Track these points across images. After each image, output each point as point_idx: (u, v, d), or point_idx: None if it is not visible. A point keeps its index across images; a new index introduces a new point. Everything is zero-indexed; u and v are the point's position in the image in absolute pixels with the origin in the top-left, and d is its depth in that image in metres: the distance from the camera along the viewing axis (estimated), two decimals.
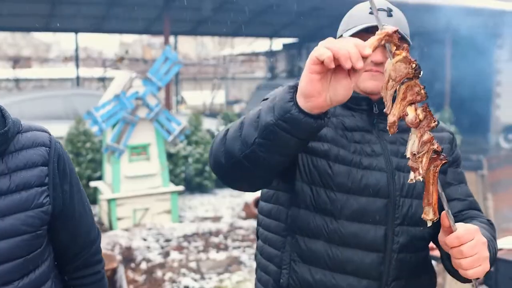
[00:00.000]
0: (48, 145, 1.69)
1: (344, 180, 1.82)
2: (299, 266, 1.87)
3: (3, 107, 1.65)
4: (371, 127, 1.90)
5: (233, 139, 1.56)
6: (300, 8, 15.91)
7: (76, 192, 1.78)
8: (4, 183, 1.58)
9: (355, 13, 1.91)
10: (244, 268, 6.47)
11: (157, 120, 7.95)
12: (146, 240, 7.52)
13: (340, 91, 1.40)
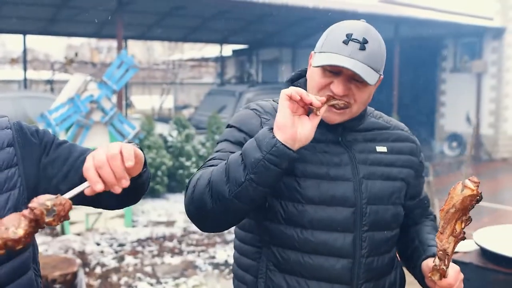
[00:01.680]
0: (9, 126, 1.73)
1: (312, 193, 1.91)
2: (275, 274, 1.95)
3: None
4: (338, 138, 1.99)
5: (220, 183, 1.73)
6: (250, 15, 16.05)
7: (53, 143, 1.79)
8: None
9: (331, 36, 1.92)
10: (200, 273, 6.51)
11: (112, 123, 7.91)
12: (99, 244, 7.47)
13: (305, 127, 1.74)
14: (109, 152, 1.46)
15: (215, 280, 6.29)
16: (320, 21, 15.89)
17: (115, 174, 1.46)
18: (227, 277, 6.38)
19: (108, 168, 1.45)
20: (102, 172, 1.45)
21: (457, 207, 1.72)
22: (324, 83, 1.89)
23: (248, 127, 1.96)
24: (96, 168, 1.45)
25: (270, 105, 2.07)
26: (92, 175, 1.45)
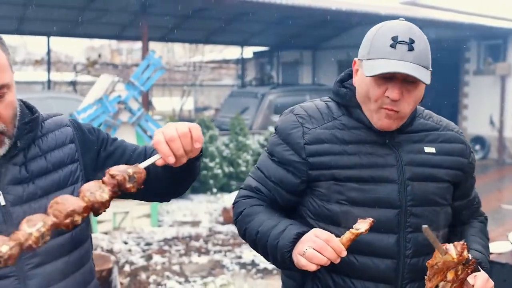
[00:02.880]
0: (68, 124, 1.84)
1: (356, 196, 1.96)
2: (322, 273, 2.01)
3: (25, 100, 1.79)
4: (386, 140, 2.02)
5: (248, 241, 2.08)
6: (271, 17, 16.07)
7: (108, 139, 1.90)
8: (42, 164, 1.71)
9: (377, 41, 1.93)
10: (227, 272, 6.56)
11: (139, 124, 7.99)
12: (127, 243, 7.55)
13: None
14: (180, 129, 1.58)
15: (242, 280, 6.34)
16: (342, 23, 15.95)
17: (184, 149, 1.57)
18: (254, 276, 6.42)
19: (179, 143, 1.57)
20: (173, 146, 1.57)
21: (439, 266, 1.78)
22: (380, 92, 1.91)
23: (289, 140, 2.03)
24: (167, 141, 1.56)
25: (315, 107, 2.10)
26: (164, 148, 1.57)
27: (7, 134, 1.62)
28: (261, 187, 2.09)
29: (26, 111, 1.76)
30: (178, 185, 1.89)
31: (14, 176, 1.66)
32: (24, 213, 1.60)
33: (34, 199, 1.66)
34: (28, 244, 1.42)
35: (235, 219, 2.15)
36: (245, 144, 11.13)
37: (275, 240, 1.91)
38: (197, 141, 1.60)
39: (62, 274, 1.70)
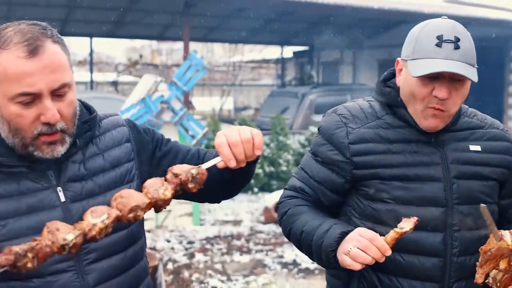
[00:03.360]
0: (124, 124, 1.87)
1: (401, 194, 1.96)
2: (368, 272, 2.01)
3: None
4: (431, 139, 2.01)
5: (293, 240, 2.10)
6: (311, 16, 16.03)
7: (163, 140, 1.94)
8: (100, 162, 1.75)
9: (421, 41, 1.92)
10: (269, 271, 6.57)
11: (181, 124, 8.07)
12: (169, 241, 7.63)
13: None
14: (243, 134, 1.62)
15: (284, 279, 6.34)
16: (384, 22, 15.81)
17: (245, 154, 1.62)
18: (295, 276, 6.42)
19: (242, 148, 1.62)
20: (235, 150, 1.62)
21: (493, 252, 1.77)
22: (426, 92, 1.91)
23: (333, 140, 2.04)
24: (230, 145, 1.61)
25: (358, 107, 2.10)
26: (227, 152, 1.62)
27: (67, 133, 1.65)
28: (305, 187, 2.11)
29: (85, 110, 1.79)
30: (232, 188, 1.92)
31: (73, 173, 1.69)
32: (82, 210, 1.62)
33: (92, 196, 1.69)
34: (91, 235, 1.47)
35: (279, 219, 2.17)
36: (286, 143, 11.13)
37: (320, 240, 1.92)
38: (258, 148, 1.65)
39: (118, 270, 1.73)
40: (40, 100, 1.56)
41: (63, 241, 1.43)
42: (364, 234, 1.80)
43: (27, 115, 1.57)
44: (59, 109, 1.59)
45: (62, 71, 1.59)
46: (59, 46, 1.62)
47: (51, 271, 1.61)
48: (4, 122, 1.61)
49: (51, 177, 1.67)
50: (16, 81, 1.54)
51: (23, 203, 1.61)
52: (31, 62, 1.54)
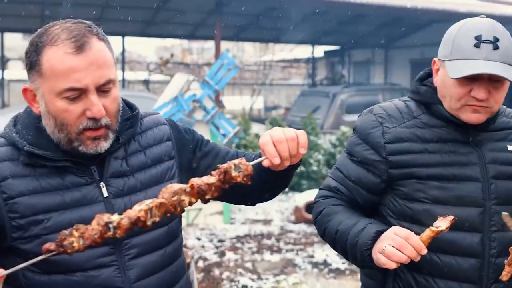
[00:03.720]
0: (165, 123, 1.90)
1: (437, 194, 1.95)
2: (404, 272, 2.00)
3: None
4: (469, 138, 1.99)
5: (328, 240, 2.11)
6: (343, 16, 15.96)
7: (203, 140, 1.97)
8: (142, 159, 1.78)
9: (459, 41, 1.90)
10: (299, 271, 6.56)
11: (213, 122, 8.10)
12: (200, 239, 7.66)
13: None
14: (287, 133, 1.64)
15: (314, 279, 6.32)
16: (416, 21, 15.66)
17: (290, 152, 1.63)
18: (326, 276, 6.40)
19: (286, 146, 1.63)
20: (279, 148, 1.63)
21: None
22: (464, 92, 1.89)
23: (369, 139, 2.04)
24: (274, 143, 1.62)
25: (394, 107, 2.09)
26: (271, 149, 1.63)
27: (111, 128, 1.68)
28: (341, 187, 2.11)
29: (126, 108, 1.82)
30: (270, 191, 1.94)
31: (116, 169, 1.72)
32: (124, 206, 1.66)
33: (134, 192, 1.72)
34: (136, 217, 1.49)
35: (314, 219, 2.17)
36: (317, 143, 11.09)
37: (355, 239, 1.92)
38: (303, 147, 1.66)
39: (159, 266, 1.76)
40: (86, 95, 1.60)
41: (107, 219, 1.47)
42: (399, 233, 1.79)
43: (73, 110, 1.60)
44: (104, 104, 1.62)
45: (107, 68, 1.63)
46: (104, 43, 1.66)
47: (94, 265, 1.64)
48: (50, 117, 1.64)
49: (94, 172, 1.70)
50: (63, 76, 1.57)
51: (67, 197, 1.65)
52: (78, 58, 1.58)
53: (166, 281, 1.79)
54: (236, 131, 8.25)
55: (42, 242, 1.55)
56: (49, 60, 1.59)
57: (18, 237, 1.62)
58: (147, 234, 1.71)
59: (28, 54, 1.64)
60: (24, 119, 1.73)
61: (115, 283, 1.66)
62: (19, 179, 1.63)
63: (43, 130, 1.68)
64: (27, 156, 1.64)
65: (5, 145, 1.69)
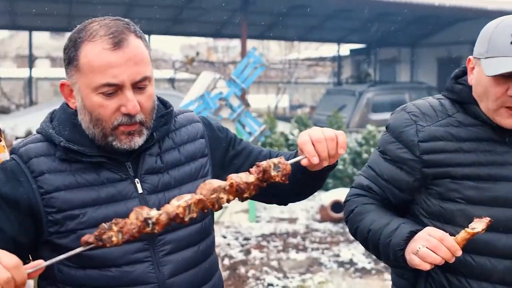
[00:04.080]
0: (198, 120, 1.91)
1: (472, 194, 1.91)
2: (436, 272, 1.97)
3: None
4: (506, 138, 1.95)
5: (359, 239, 2.09)
6: (369, 13, 15.86)
7: (236, 139, 1.97)
8: (176, 156, 1.79)
9: (496, 39, 1.87)
10: (325, 270, 6.54)
11: (239, 120, 8.10)
12: (225, 237, 7.68)
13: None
14: (327, 133, 1.65)
15: (340, 278, 6.30)
16: (444, 18, 15.51)
17: (328, 152, 1.63)
18: (352, 275, 6.37)
19: (325, 145, 1.64)
20: (318, 147, 1.64)
21: None
22: (500, 91, 1.86)
23: (403, 138, 2.00)
24: (313, 142, 1.63)
25: (428, 105, 2.06)
26: (310, 149, 1.63)
27: (145, 125, 1.69)
28: (373, 186, 2.09)
29: (161, 105, 1.83)
30: (303, 191, 1.94)
31: (151, 166, 1.74)
32: (159, 202, 1.68)
33: (168, 189, 1.73)
34: (175, 213, 1.51)
35: (346, 217, 2.16)
36: None
37: (388, 238, 1.90)
38: (342, 147, 1.66)
39: (192, 263, 1.77)
40: (122, 91, 1.62)
41: (146, 214, 1.48)
42: (434, 234, 1.77)
43: (109, 105, 1.62)
44: (139, 101, 1.64)
45: (144, 65, 1.64)
46: (141, 41, 1.67)
47: (128, 261, 1.66)
48: (86, 112, 1.66)
49: (129, 168, 1.72)
50: (100, 72, 1.60)
51: (103, 192, 1.67)
52: (115, 54, 1.60)
53: (200, 278, 1.79)
54: (262, 129, 8.25)
55: (77, 237, 1.57)
56: (86, 55, 1.61)
57: (54, 232, 1.64)
58: (181, 230, 1.73)
59: (66, 50, 1.67)
60: (60, 115, 1.76)
61: (149, 279, 1.68)
62: (55, 174, 1.66)
63: (79, 125, 1.70)
64: (64, 152, 1.66)
65: (41, 141, 1.71)
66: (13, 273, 1.35)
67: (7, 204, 1.63)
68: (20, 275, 1.37)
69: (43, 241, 1.67)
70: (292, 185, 1.82)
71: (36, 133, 1.75)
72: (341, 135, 1.66)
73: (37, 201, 1.63)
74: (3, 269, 1.35)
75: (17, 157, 1.68)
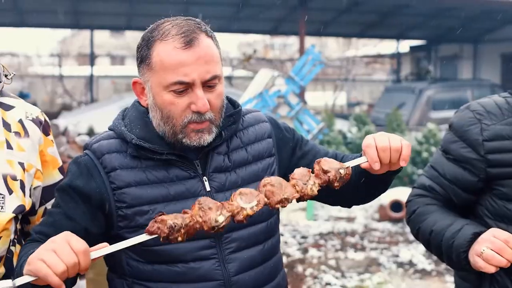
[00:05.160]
0: (266, 120, 1.92)
1: None
2: (501, 276, 1.91)
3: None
4: None
5: (421, 240, 2.05)
6: (430, 9, 15.56)
7: (303, 140, 1.98)
8: (243, 155, 1.81)
9: None
10: (384, 270, 6.45)
11: (297, 118, 8.08)
12: (283, 235, 7.66)
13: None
14: (393, 142, 1.65)
15: (399, 279, 6.20)
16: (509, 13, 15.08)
17: (391, 161, 1.64)
18: (412, 276, 6.26)
19: (388, 155, 1.63)
20: (382, 155, 1.63)
21: None
22: None
23: (467, 136, 1.96)
24: (378, 149, 1.63)
25: (493, 103, 2.00)
26: (373, 154, 1.64)
27: (215, 123, 1.72)
28: (435, 186, 2.05)
29: (229, 104, 1.86)
30: (367, 194, 1.93)
31: (218, 164, 1.77)
32: (226, 200, 1.68)
33: (235, 188, 1.73)
34: (239, 219, 1.54)
35: (408, 218, 2.13)
36: None
37: (450, 240, 1.86)
38: (404, 160, 1.66)
39: (257, 261, 1.79)
40: (192, 89, 1.65)
41: (214, 222, 1.51)
42: (499, 235, 1.73)
43: (179, 103, 1.66)
44: (209, 99, 1.67)
45: (214, 64, 1.67)
46: (212, 40, 1.71)
47: (195, 257, 1.70)
48: (157, 109, 1.70)
49: (197, 166, 1.75)
50: (172, 70, 1.64)
51: (172, 189, 1.71)
52: (186, 53, 1.64)
53: (264, 277, 1.81)
54: (321, 127, 8.21)
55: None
56: (159, 54, 1.66)
57: (124, 226, 1.70)
58: (246, 229, 1.75)
59: (139, 49, 1.72)
60: (132, 112, 1.80)
61: (215, 276, 1.71)
62: (127, 170, 1.71)
63: (150, 123, 1.74)
64: (135, 149, 1.71)
65: (114, 138, 1.76)
66: (80, 258, 1.42)
67: (79, 196, 1.70)
68: (86, 260, 1.43)
69: (114, 235, 1.72)
70: (357, 189, 1.84)
71: (108, 130, 1.81)
72: (406, 147, 1.66)
73: (109, 195, 1.69)
74: (72, 253, 1.41)
75: (91, 152, 1.74)
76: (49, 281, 1.39)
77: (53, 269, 1.39)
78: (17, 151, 1.79)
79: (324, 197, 1.87)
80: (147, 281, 1.72)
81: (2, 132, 1.78)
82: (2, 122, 1.80)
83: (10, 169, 1.76)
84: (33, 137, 1.86)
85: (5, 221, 1.72)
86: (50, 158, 1.94)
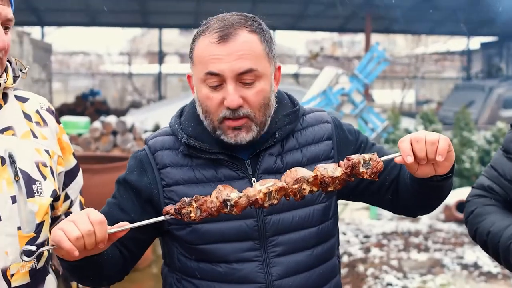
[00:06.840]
0: (328, 121, 1.87)
1: None
2: None
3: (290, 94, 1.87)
4: None
5: (479, 241, 2.01)
6: (502, 4, 15.09)
7: (368, 143, 1.92)
8: (298, 157, 1.77)
9: None
10: (448, 272, 6.33)
11: (361, 116, 8.02)
12: (345, 234, 7.63)
13: None
14: (429, 135, 1.56)
15: (463, 281, 6.07)
16: None
17: (427, 154, 1.55)
18: (476, 279, 6.12)
19: (423, 146, 1.54)
20: (416, 146, 1.55)
21: None
22: None
23: None
24: (412, 141, 1.56)
25: None
26: (406, 146, 1.56)
27: (254, 120, 1.69)
28: (495, 186, 2.02)
29: (289, 103, 1.83)
30: (424, 202, 1.84)
31: (269, 165, 1.75)
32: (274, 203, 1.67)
33: None
34: (254, 198, 1.53)
35: (465, 218, 2.09)
36: (470, 140, 10.59)
37: (508, 241, 1.83)
38: (440, 154, 1.54)
39: (304, 266, 1.75)
40: (225, 84, 1.65)
41: (226, 196, 1.52)
42: None
43: (214, 97, 1.67)
44: (244, 96, 1.66)
45: (251, 59, 1.65)
46: (256, 36, 1.68)
47: (237, 259, 1.70)
48: (199, 104, 1.73)
49: (248, 167, 1.74)
50: (204, 63, 1.66)
51: None
52: (218, 47, 1.64)
53: (311, 283, 1.77)
54: (385, 125, 8.11)
55: (193, 230, 1.67)
56: (198, 48, 1.69)
57: (172, 223, 1.72)
58: (294, 233, 1.72)
59: (191, 43, 1.75)
60: (188, 110, 1.83)
61: (257, 278, 1.70)
62: (177, 168, 1.74)
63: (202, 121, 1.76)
64: (186, 147, 1.74)
65: (169, 134, 1.81)
66: (96, 228, 1.46)
67: (132, 190, 1.76)
68: (102, 230, 1.47)
69: (165, 231, 1.77)
70: (413, 197, 1.77)
71: (168, 126, 1.85)
72: (443, 141, 1.56)
73: (158, 192, 1.74)
74: (88, 222, 1.46)
75: (147, 148, 1.80)
76: (63, 246, 1.44)
77: (68, 235, 1.44)
78: (41, 140, 1.84)
79: (388, 206, 1.83)
80: (192, 278, 1.74)
81: (25, 123, 1.82)
82: (23, 113, 1.83)
83: (40, 157, 1.80)
84: (51, 125, 1.90)
85: (46, 205, 1.78)
86: (66, 144, 1.98)
